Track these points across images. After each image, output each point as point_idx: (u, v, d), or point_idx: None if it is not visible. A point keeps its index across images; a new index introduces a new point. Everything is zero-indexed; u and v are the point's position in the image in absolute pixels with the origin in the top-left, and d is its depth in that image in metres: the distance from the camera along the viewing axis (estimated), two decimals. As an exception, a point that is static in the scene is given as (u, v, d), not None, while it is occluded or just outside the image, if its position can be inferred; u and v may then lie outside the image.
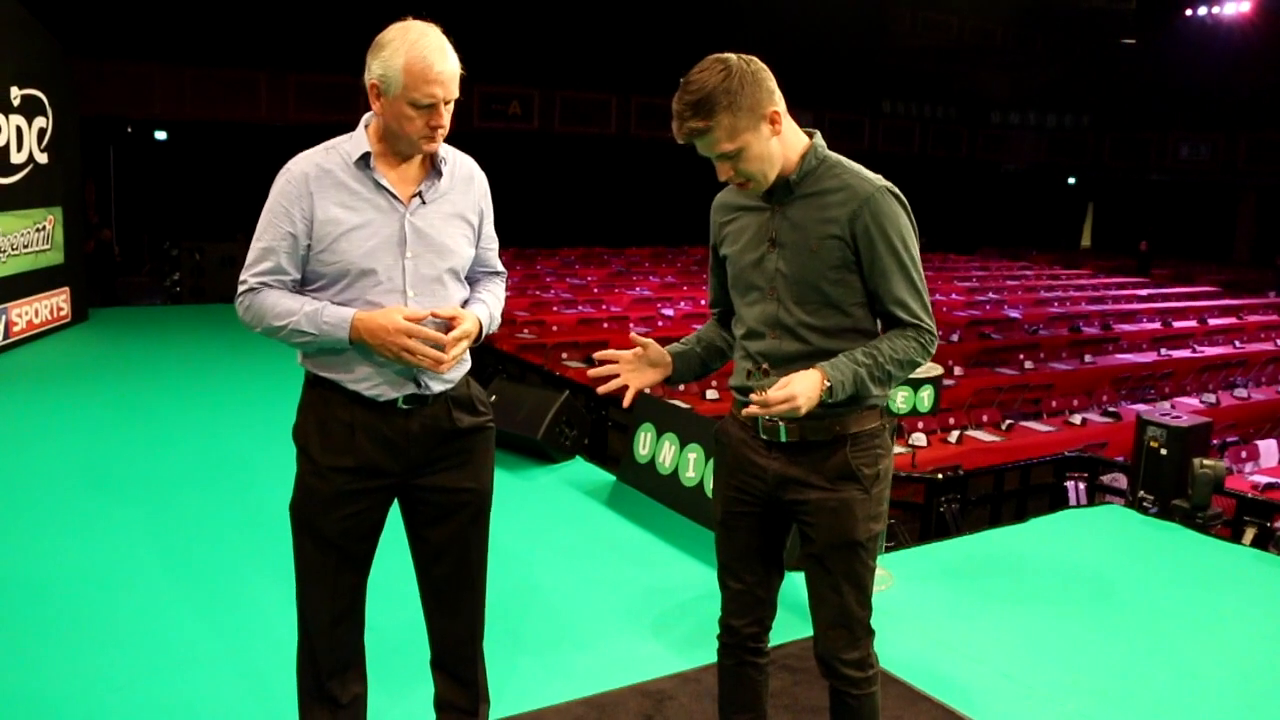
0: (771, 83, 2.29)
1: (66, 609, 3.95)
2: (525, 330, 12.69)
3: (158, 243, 17.18)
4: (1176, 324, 16.60)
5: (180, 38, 18.98)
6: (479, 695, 2.92)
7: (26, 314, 9.26)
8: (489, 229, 2.74)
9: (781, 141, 2.32)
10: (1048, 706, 3.50)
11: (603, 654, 3.72)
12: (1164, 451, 5.67)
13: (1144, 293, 21.37)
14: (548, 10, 21.57)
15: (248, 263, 2.52)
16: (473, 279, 2.72)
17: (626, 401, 2.49)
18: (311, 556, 2.61)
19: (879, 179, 2.35)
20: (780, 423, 2.37)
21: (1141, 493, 5.76)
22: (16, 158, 9.02)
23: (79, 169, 10.86)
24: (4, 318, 8.84)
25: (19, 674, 3.43)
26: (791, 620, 3.99)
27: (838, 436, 2.37)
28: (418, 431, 2.56)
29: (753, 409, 2.25)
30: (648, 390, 2.81)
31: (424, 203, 2.55)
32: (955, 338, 13.87)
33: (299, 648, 2.73)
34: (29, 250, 9.32)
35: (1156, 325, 16.50)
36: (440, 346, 2.46)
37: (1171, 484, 5.63)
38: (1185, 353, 14.19)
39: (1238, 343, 15.47)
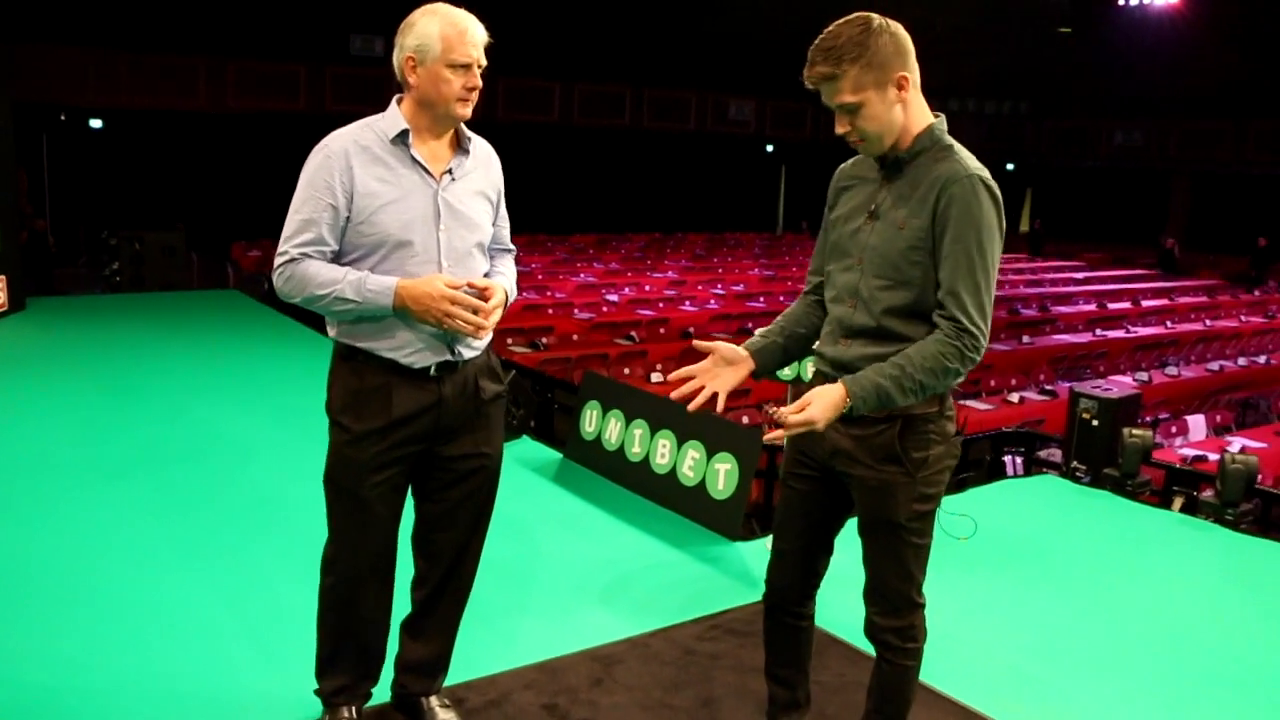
0: (909, 49, 2.34)
1: (60, 583, 3.97)
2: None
3: (94, 233, 16.89)
4: (1112, 305, 17.00)
5: (116, 23, 18.60)
6: (444, 660, 3.02)
7: (-38, 303, 9.10)
8: (504, 209, 2.90)
9: (905, 111, 2.36)
10: (985, 660, 3.64)
11: (553, 622, 3.80)
12: (1095, 423, 5.86)
13: (1080, 276, 21.82)
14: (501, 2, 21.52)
15: (286, 235, 2.60)
16: (490, 255, 2.86)
17: (720, 407, 2.47)
18: (347, 521, 2.76)
19: (978, 167, 2.35)
20: None
21: (1074, 462, 5.95)
22: (-53, 144, 8.85)
23: (13, 156, 10.67)
24: (-61, 306, 8.67)
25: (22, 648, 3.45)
26: (738, 587, 4.12)
27: (890, 416, 2.38)
28: (449, 397, 2.70)
29: (775, 434, 2.27)
30: (606, 374, 2.84)
31: (454, 179, 2.69)
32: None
33: (323, 611, 2.86)
34: (-37, 238, 9.17)
35: (1092, 307, 16.87)
36: (478, 314, 2.58)
37: (1103, 453, 5.82)
38: (1119, 333, 14.53)
39: (1169, 323, 15.86)
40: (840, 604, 3.39)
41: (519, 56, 22.71)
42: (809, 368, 4.38)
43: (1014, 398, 10.51)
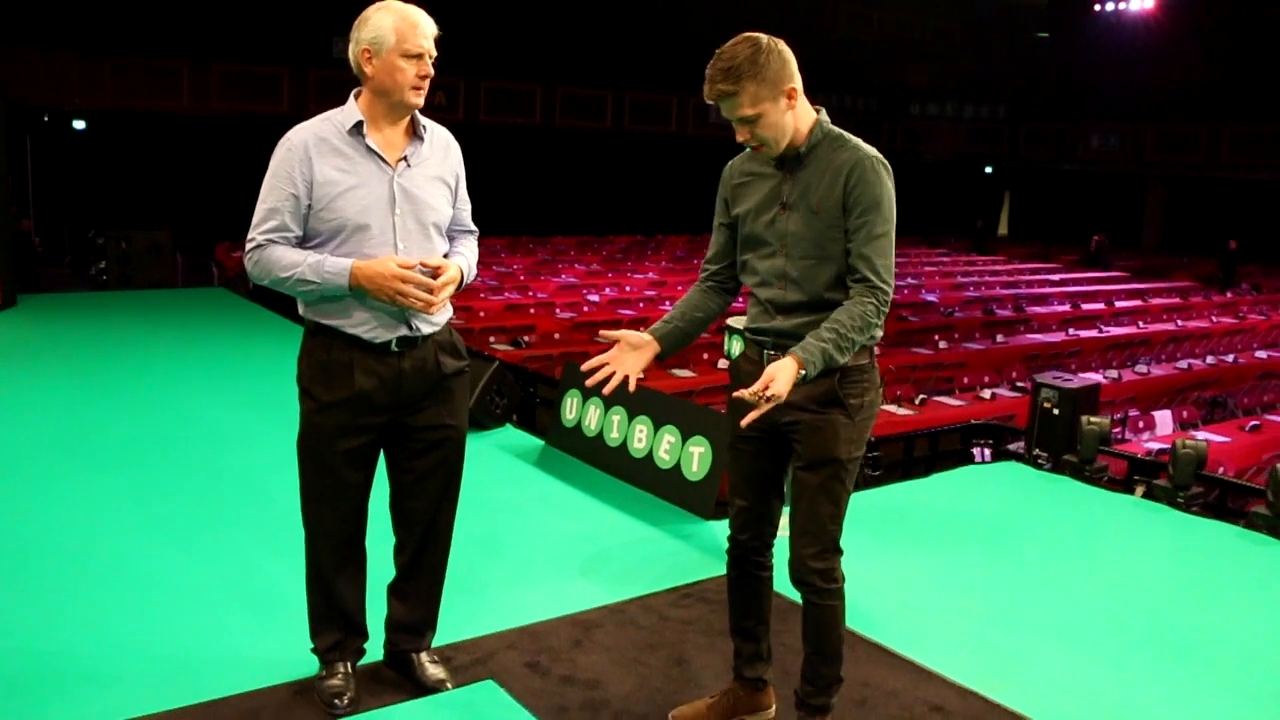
0: (793, 64, 2.65)
1: (57, 563, 4.15)
2: (453, 316, 12.84)
3: (78, 233, 17.00)
4: (1085, 306, 17.28)
5: (100, 25, 18.73)
6: (430, 619, 3.24)
7: (-46, 299, 9.25)
8: (463, 192, 3.12)
9: (795, 115, 2.67)
10: (941, 628, 3.88)
11: (536, 591, 4.02)
12: (1056, 411, 6.11)
13: (1056, 277, 22.12)
14: (475, 1, 21.68)
15: (255, 222, 2.83)
16: (450, 236, 3.09)
17: (632, 387, 2.74)
18: (316, 484, 2.99)
19: (872, 150, 2.69)
20: (781, 356, 2.65)
21: (1036, 450, 6.19)
22: (-59, 142, 9.00)
23: (4, 156, 10.82)
24: (-69, 302, 8.82)
25: (12, 626, 3.64)
26: (710, 561, 4.33)
27: (828, 369, 2.67)
28: (409, 371, 2.92)
29: (751, 417, 2.51)
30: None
31: (409, 166, 2.91)
32: (873, 320, 14.30)
33: (308, 572, 3.10)
34: (-45, 235, 9.31)
35: (1066, 308, 17.15)
36: (429, 291, 2.80)
37: (1063, 441, 6.07)
38: (1092, 333, 14.80)
39: (1141, 323, 16.15)
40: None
41: (501, 59, 22.94)
42: (735, 346, 4.65)
43: (986, 394, 10.78)
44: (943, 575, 4.41)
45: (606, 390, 2.73)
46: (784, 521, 3.01)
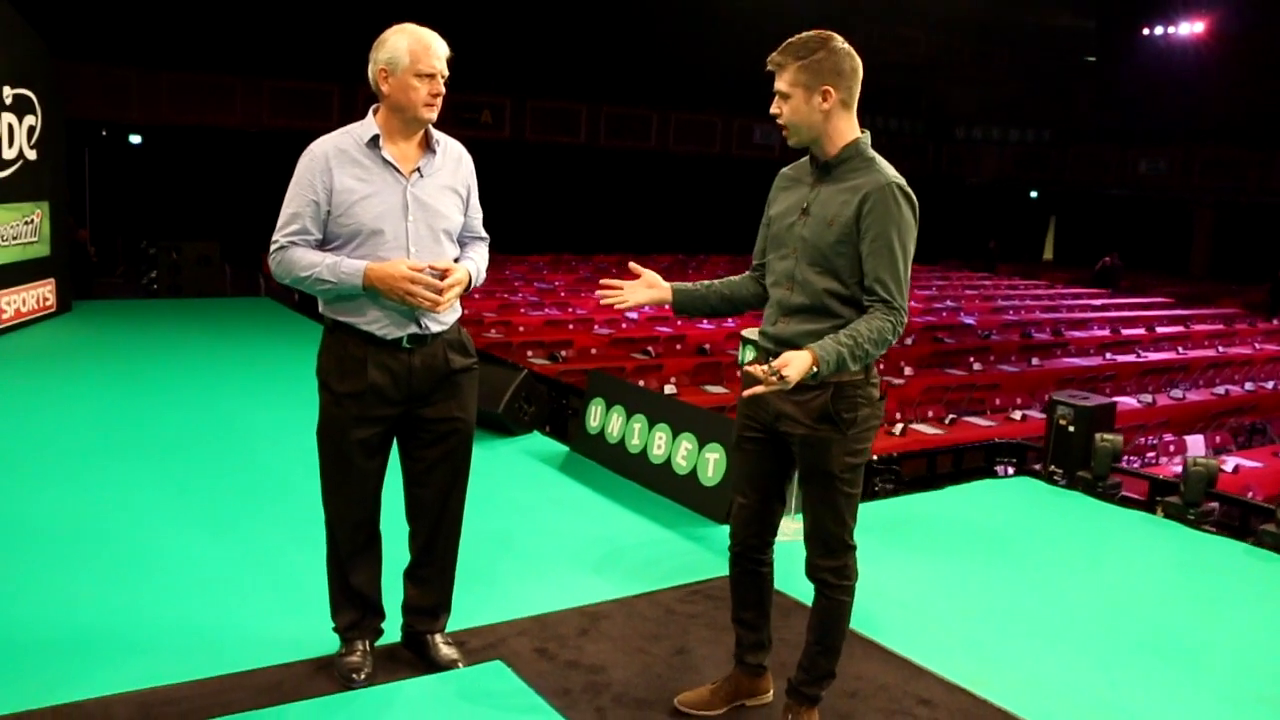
0: (847, 74, 2.80)
1: (104, 546, 4.44)
2: (492, 330, 13.09)
3: (132, 245, 17.48)
4: (1126, 331, 17.19)
5: (157, 43, 19.26)
6: (444, 603, 3.44)
7: (14, 303, 9.66)
8: (475, 200, 3.35)
9: (827, 120, 2.81)
10: (937, 629, 4.01)
11: (548, 585, 4.21)
12: (1071, 429, 6.20)
13: (1098, 302, 22.00)
14: (523, 21, 22.06)
15: (279, 225, 3.09)
16: (462, 242, 3.32)
17: (629, 308, 3.04)
18: (334, 471, 3.23)
19: (895, 176, 2.81)
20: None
21: (1052, 466, 6.29)
22: (8, 153, 9.43)
23: (65, 167, 11.26)
24: (-5, 305, 9.25)
25: (65, 599, 3.90)
26: (720, 561, 4.48)
27: (822, 385, 2.82)
28: (419, 366, 3.15)
29: (753, 390, 2.71)
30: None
31: (422, 176, 3.15)
32: (909, 341, 14.38)
33: (327, 555, 3.34)
34: (18, 242, 9.72)
35: (1106, 332, 17.08)
36: (437, 292, 3.03)
37: (1078, 458, 6.16)
38: (1130, 357, 14.74)
39: (1181, 349, 16.05)
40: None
41: (547, 79, 23.24)
42: (748, 354, 4.82)
43: (1016, 415, 10.83)
44: (944, 580, 4.55)
45: (603, 302, 2.98)
46: (798, 526, 3.18)
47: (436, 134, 3.19)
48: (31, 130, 9.88)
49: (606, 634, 3.76)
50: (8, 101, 9.38)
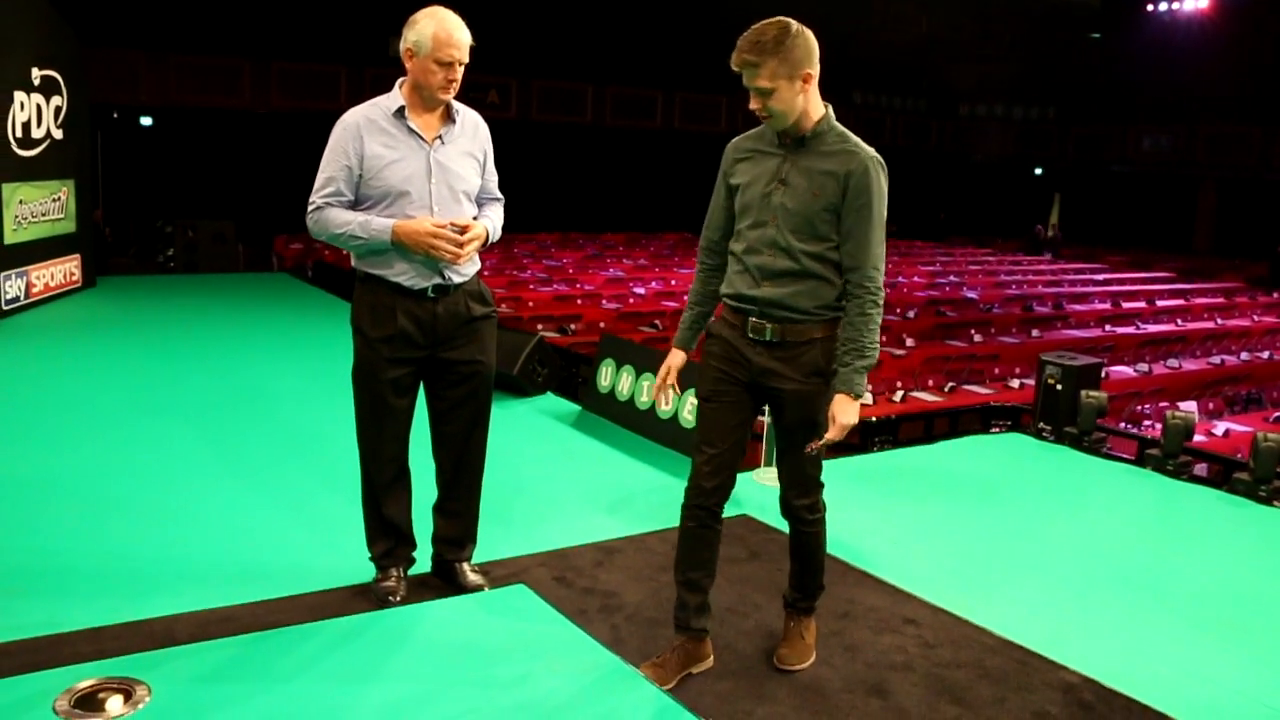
0: (815, 53, 2.97)
1: (149, 492, 4.78)
2: (503, 305, 13.36)
3: (144, 225, 17.81)
4: (1126, 305, 17.42)
5: (166, 26, 19.52)
6: (470, 534, 3.77)
7: (44, 277, 10.02)
8: (491, 165, 3.71)
9: (806, 99, 3.00)
10: (923, 561, 4.34)
11: (566, 524, 4.55)
12: (1059, 387, 6.51)
13: (1100, 277, 22.21)
14: (529, 2, 22.27)
15: (316, 188, 3.45)
16: (480, 202, 3.67)
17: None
18: (367, 409, 3.58)
19: (872, 151, 3.03)
20: (768, 324, 3.08)
21: (1040, 423, 6.60)
22: (36, 133, 9.76)
23: (89, 146, 11.58)
24: (25, 279, 9.61)
25: (119, 537, 4.24)
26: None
27: (811, 340, 3.07)
28: (442, 314, 3.51)
29: (818, 444, 3.03)
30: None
31: (443, 143, 3.51)
32: (912, 314, 14.65)
33: (362, 489, 3.68)
34: (46, 218, 10.06)
35: (1107, 306, 17.32)
36: (458, 246, 3.38)
37: (1065, 414, 6.47)
38: (1129, 329, 14.98)
39: (1180, 321, 16.29)
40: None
41: (553, 59, 23.46)
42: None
43: (1014, 384, 11.13)
44: (932, 521, 4.87)
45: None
46: (772, 473, 3.46)
47: (456, 105, 3.52)
48: (58, 110, 10.20)
49: (619, 566, 4.10)
50: (36, 83, 9.71)
